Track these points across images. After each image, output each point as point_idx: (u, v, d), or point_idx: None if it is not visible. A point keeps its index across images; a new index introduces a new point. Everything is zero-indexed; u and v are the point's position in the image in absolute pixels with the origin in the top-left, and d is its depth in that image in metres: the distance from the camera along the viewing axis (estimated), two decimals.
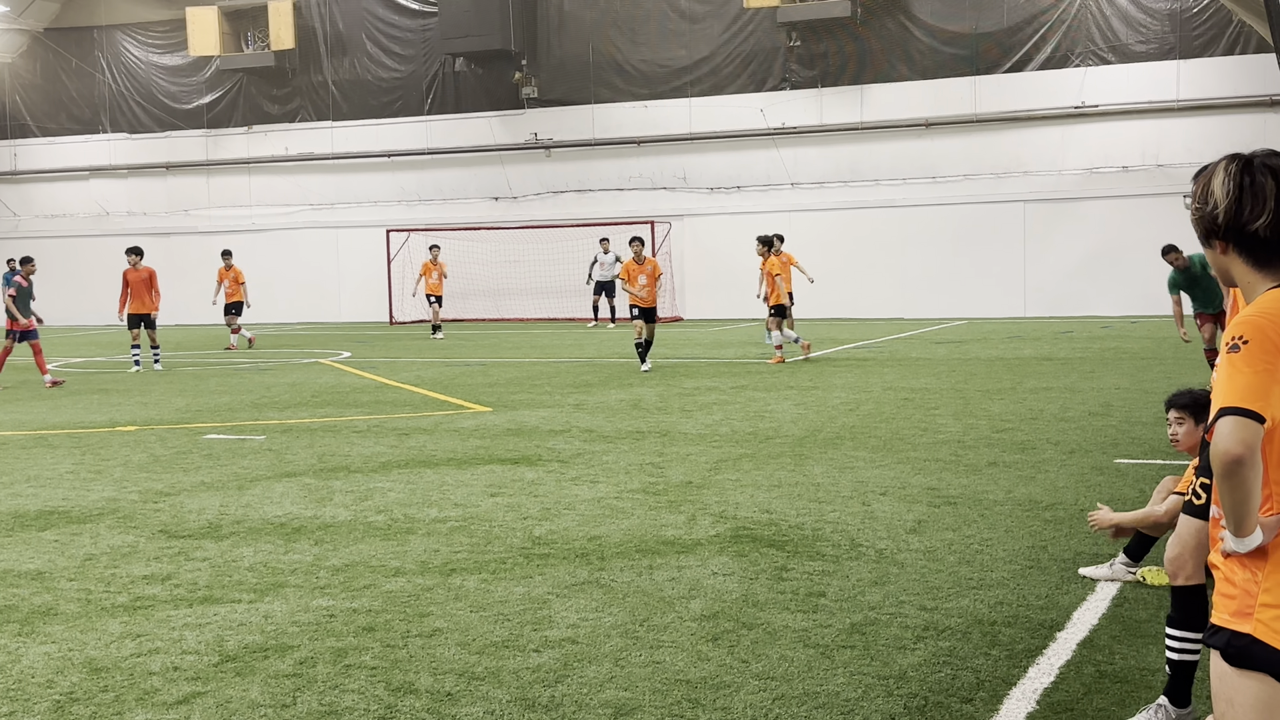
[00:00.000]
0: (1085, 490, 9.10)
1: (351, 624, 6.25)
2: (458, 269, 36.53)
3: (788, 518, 8.44)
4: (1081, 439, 11.47)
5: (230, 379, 19.85)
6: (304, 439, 12.80)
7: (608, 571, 7.14)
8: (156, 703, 5.23)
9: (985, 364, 18.94)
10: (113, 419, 14.95)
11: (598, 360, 20.99)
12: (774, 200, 34.50)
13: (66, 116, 41.94)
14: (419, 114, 37.65)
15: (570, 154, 36.41)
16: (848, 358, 20.74)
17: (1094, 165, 31.53)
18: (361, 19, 37.86)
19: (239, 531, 8.48)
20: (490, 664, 5.59)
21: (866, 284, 33.33)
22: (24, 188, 42.75)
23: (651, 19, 35.07)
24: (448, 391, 17.03)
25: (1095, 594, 6.47)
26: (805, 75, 33.91)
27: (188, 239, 40.55)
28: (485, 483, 10.06)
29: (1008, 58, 32.11)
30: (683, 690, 5.22)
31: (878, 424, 12.79)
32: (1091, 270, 31.34)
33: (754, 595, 6.57)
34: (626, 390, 16.54)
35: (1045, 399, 14.43)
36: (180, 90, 40.42)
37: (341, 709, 5.11)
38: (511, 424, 13.55)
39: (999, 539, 7.67)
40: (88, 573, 7.45)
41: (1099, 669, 5.36)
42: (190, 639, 6.07)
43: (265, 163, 39.53)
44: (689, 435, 12.38)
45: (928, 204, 32.90)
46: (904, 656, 5.56)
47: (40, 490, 10.26)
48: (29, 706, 5.23)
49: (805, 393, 15.76)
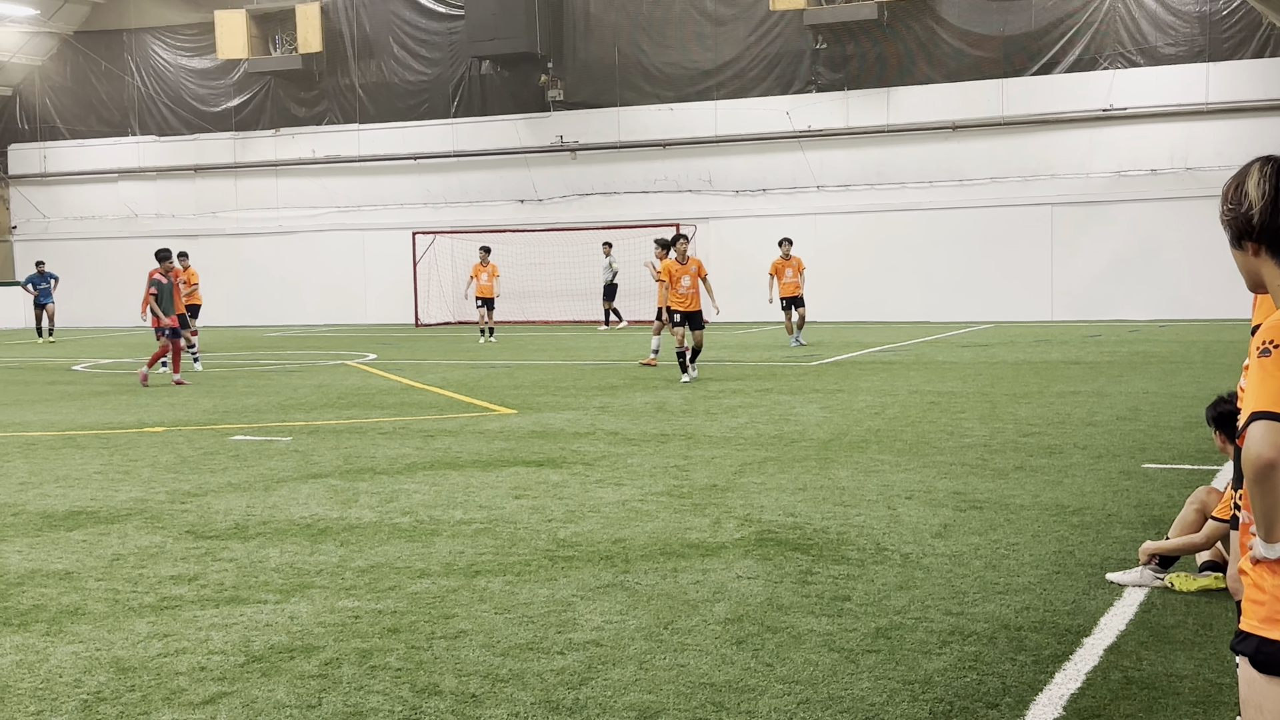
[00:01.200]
0: (1113, 495, 9.05)
1: (377, 625, 6.26)
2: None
3: (812, 521, 8.41)
4: (1109, 443, 11.40)
5: (257, 380, 19.94)
6: (330, 440, 12.85)
7: (632, 574, 7.13)
8: (183, 703, 5.26)
9: (1012, 367, 18.86)
10: (141, 420, 15.04)
11: (622, 363, 20.98)
12: (799, 203, 34.44)
13: (96, 119, 42.24)
14: (445, 117, 37.76)
15: (595, 157, 36.44)
16: (873, 361, 20.68)
17: (1122, 168, 31.36)
18: (388, 22, 38.00)
19: (265, 532, 8.52)
20: (515, 666, 5.60)
21: (892, 287, 33.23)
22: (53, 190, 43.07)
23: (677, 21, 35.07)
24: (473, 394, 17.06)
25: (1123, 599, 6.42)
26: (831, 78, 33.84)
27: (215, 241, 40.76)
28: (510, 485, 10.08)
29: (1035, 60, 31.97)
30: (707, 694, 5.21)
31: (903, 427, 12.74)
32: (1119, 274, 31.17)
33: (778, 599, 6.55)
34: (651, 393, 16.53)
35: (1072, 403, 14.35)
36: (208, 93, 40.66)
37: (366, 710, 5.12)
38: (536, 426, 13.56)
39: (1025, 543, 7.63)
40: (115, 573, 7.49)
41: (1126, 675, 5.32)
42: (217, 639, 6.10)
43: (292, 165, 39.71)
44: (714, 438, 12.36)
45: (954, 207, 32.79)
46: (929, 661, 5.54)
47: (69, 490, 10.33)
48: (56, 706, 5.26)
49: (830, 396, 15.73)
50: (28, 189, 43.36)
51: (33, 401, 17.50)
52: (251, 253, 40.09)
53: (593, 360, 21.26)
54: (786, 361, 20.94)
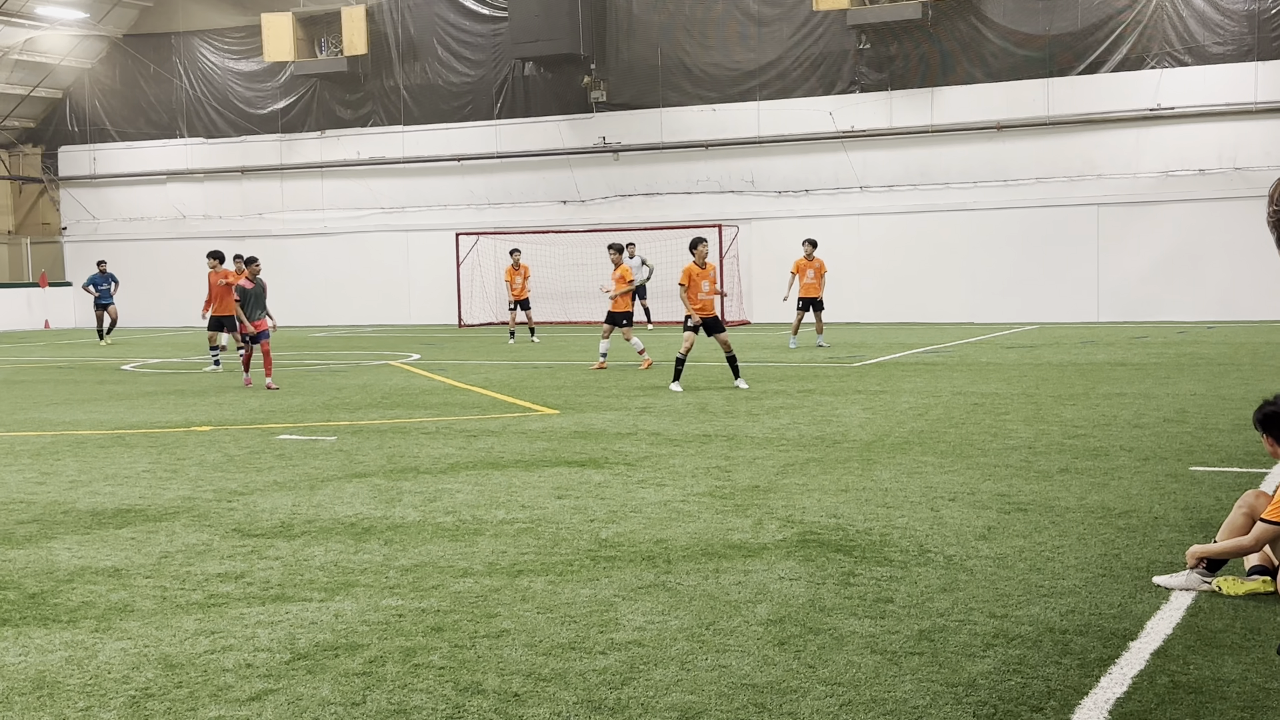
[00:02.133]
0: (1160, 498, 8.96)
1: (420, 624, 6.30)
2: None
3: (855, 523, 8.39)
4: (1156, 446, 11.29)
5: (302, 380, 20.09)
6: (374, 440, 12.93)
7: (674, 575, 7.14)
8: (229, 699, 5.31)
9: (1057, 369, 18.72)
10: (188, 419, 15.19)
11: (664, 363, 20.98)
12: (842, 204, 34.34)
13: (145, 121, 42.72)
14: (489, 118, 37.92)
15: (638, 158, 36.47)
16: (917, 362, 20.58)
17: (1170, 168, 31.05)
18: (433, 24, 38.20)
19: (310, 531, 8.58)
20: (557, 665, 5.61)
21: (936, 288, 33.07)
22: (103, 191, 43.59)
23: (720, 22, 35.05)
24: (515, 394, 17.12)
25: (1169, 603, 6.36)
26: (875, 78, 33.71)
27: (262, 242, 41.08)
28: (552, 485, 10.10)
29: (1082, 59, 31.72)
30: (748, 695, 5.20)
31: (947, 429, 12.68)
32: (1167, 274, 30.87)
33: (821, 600, 6.54)
34: (693, 394, 16.53)
35: (1119, 405, 14.23)
36: (255, 95, 41.02)
37: (410, 708, 5.15)
38: (579, 426, 13.59)
39: (1071, 546, 7.58)
40: (163, 570, 7.58)
41: (1173, 679, 5.28)
42: (263, 637, 6.16)
43: (337, 167, 40.00)
44: (756, 439, 12.34)
45: (999, 207, 32.59)
46: (973, 664, 5.51)
47: (118, 489, 10.45)
48: (105, 702, 5.32)
49: (873, 397, 15.67)
50: (78, 191, 43.90)
51: (82, 401, 17.71)
52: (297, 253, 40.42)
53: (634, 360, 21.27)
54: (829, 363, 20.88)
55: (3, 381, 21.33)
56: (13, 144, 44.41)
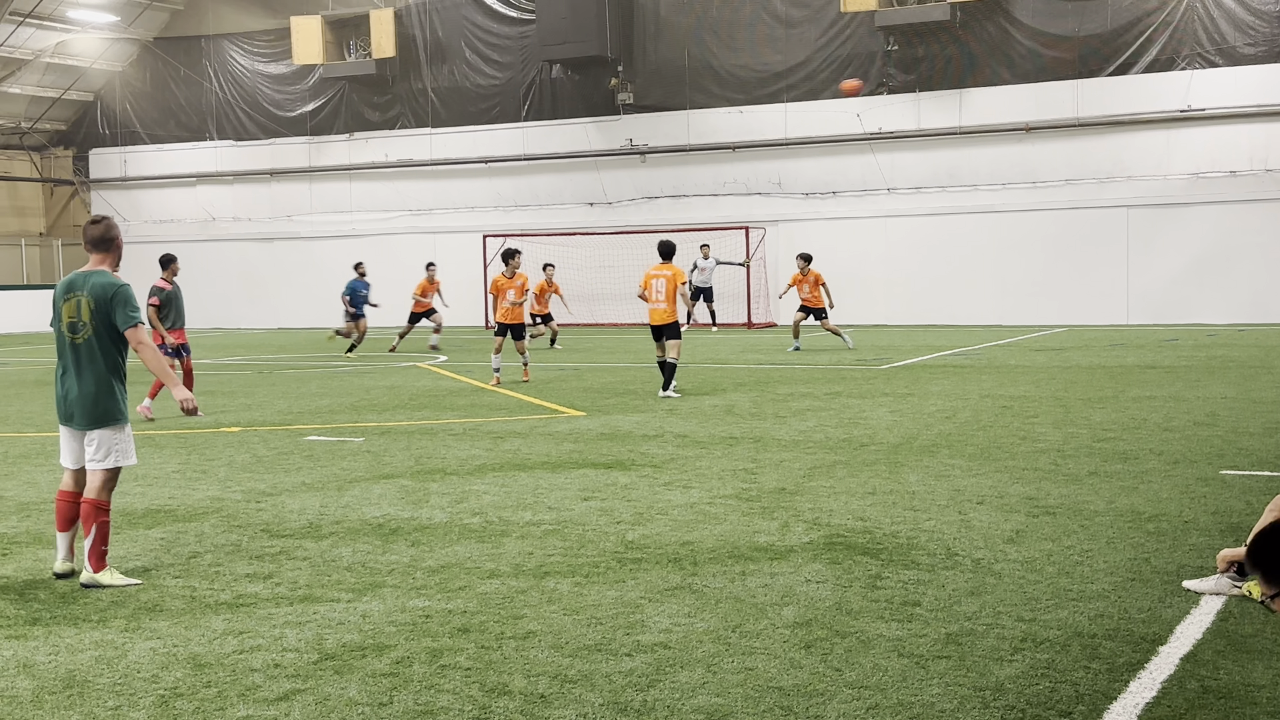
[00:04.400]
0: (1189, 502, 8.90)
1: (447, 625, 6.32)
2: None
3: (882, 526, 8.36)
4: (1186, 449, 11.21)
5: (330, 382, 20.18)
6: (401, 441, 12.97)
7: (700, 577, 7.13)
8: (257, 699, 5.34)
9: (1086, 372, 18.61)
10: (217, 420, 15.28)
11: (691, 365, 20.97)
12: (870, 205, 34.25)
13: (175, 124, 43.00)
14: (516, 120, 37.99)
15: (665, 159, 36.47)
16: (944, 365, 20.50)
17: (1200, 170, 30.84)
18: (461, 27, 38.30)
19: (338, 531, 8.62)
20: (583, 667, 5.62)
21: (964, 290, 32.93)
22: (134, 193, 43.90)
23: (748, 24, 35.01)
24: (542, 396, 17.14)
25: (1199, 608, 6.32)
26: (903, 79, 33.61)
27: (290, 244, 41.34)
28: (579, 486, 10.11)
29: (1111, 61, 31.54)
30: (775, 698, 5.19)
31: (975, 432, 12.62)
32: (1197, 277, 30.66)
33: (847, 603, 6.52)
34: (720, 396, 16.52)
35: (1148, 408, 14.14)
36: (284, 98, 41.23)
37: (437, 709, 5.16)
38: (605, 428, 13.60)
39: (1100, 550, 7.53)
40: (192, 570, 7.62)
41: (1203, 684, 5.24)
42: (291, 637, 6.18)
43: (365, 169, 40.16)
44: (782, 441, 12.32)
45: (1028, 209, 32.44)
46: (1001, 668, 5.48)
47: (148, 489, 10.52)
48: (134, 701, 5.36)
49: (901, 400, 15.62)
50: (108, 192, 44.21)
51: None
52: (325, 255, 40.58)
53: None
54: (855, 365, 20.83)
55: (35, 382, 21.49)
56: (44, 146, 44.78)
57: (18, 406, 17.50)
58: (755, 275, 34.54)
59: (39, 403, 17.93)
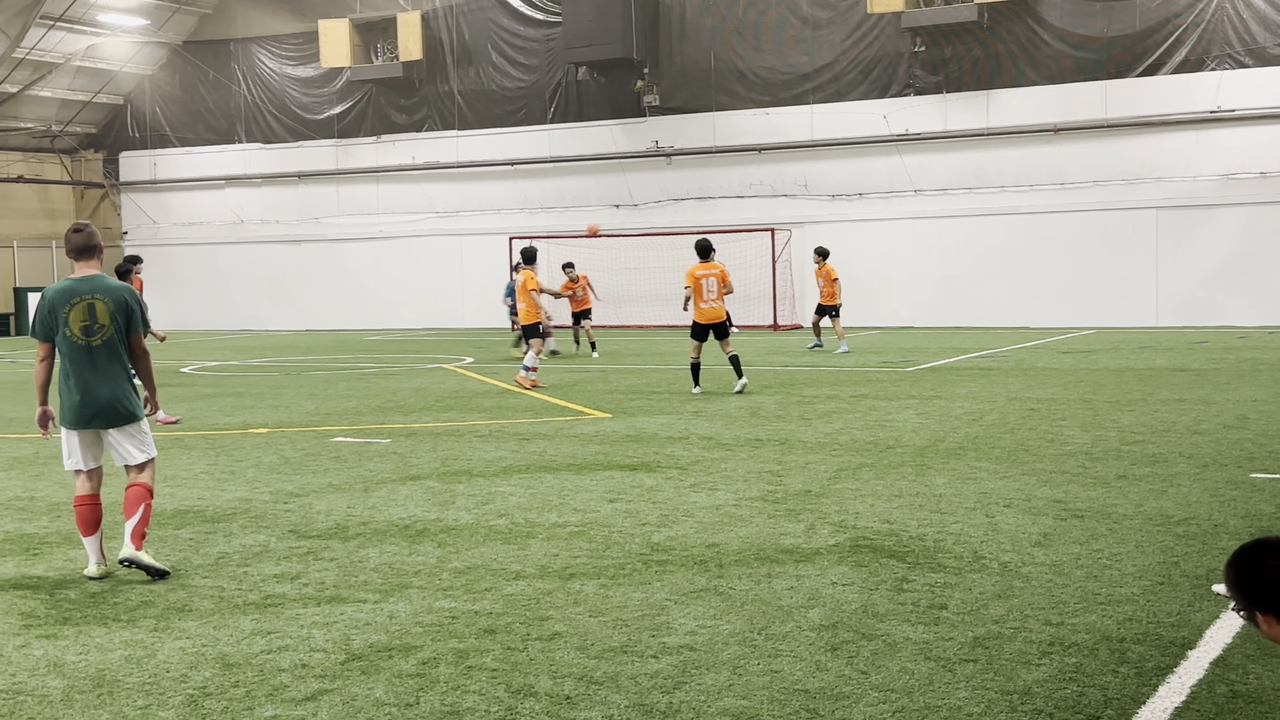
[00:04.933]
0: (1219, 505, 8.84)
1: (473, 626, 6.34)
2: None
3: (909, 528, 8.34)
4: (1216, 452, 11.14)
5: (357, 384, 20.25)
6: (428, 443, 13.01)
7: (726, 579, 7.13)
8: (285, 699, 5.36)
9: (1114, 374, 18.51)
10: (245, 421, 15.36)
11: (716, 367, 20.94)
12: (896, 207, 34.15)
13: (204, 127, 43.24)
14: (542, 123, 38.05)
15: (691, 161, 36.45)
16: (971, 367, 20.43)
17: (1230, 171, 30.62)
18: (487, 29, 38.39)
19: (365, 533, 8.65)
20: (609, 669, 5.63)
21: (991, 292, 32.79)
22: (163, 196, 44.17)
23: (774, 26, 34.96)
24: (568, 397, 17.16)
25: (1229, 612, 6.28)
26: (930, 81, 33.50)
27: (317, 246, 41.51)
28: (604, 488, 10.12)
29: (1140, 61, 31.35)
30: (801, 700, 5.19)
31: (1002, 434, 12.58)
32: (1227, 279, 30.44)
33: (874, 606, 6.51)
34: (745, 398, 16.50)
35: (1177, 411, 14.05)
36: (312, 101, 41.41)
37: (463, 709, 5.18)
38: (631, 430, 13.61)
39: (1128, 554, 7.49)
40: (221, 570, 7.67)
41: (1232, 689, 5.21)
42: (318, 637, 6.21)
43: (392, 171, 40.29)
44: (808, 444, 12.30)
45: (1056, 211, 32.27)
46: (1029, 672, 5.46)
47: (177, 490, 10.59)
48: (164, 700, 5.39)
49: (927, 402, 15.57)
50: (138, 195, 44.51)
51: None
52: (352, 257, 40.78)
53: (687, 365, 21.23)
54: (882, 367, 20.77)
55: None
56: (75, 149, 45.12)
57: None
58: (781, 277, 34.47)
59: None
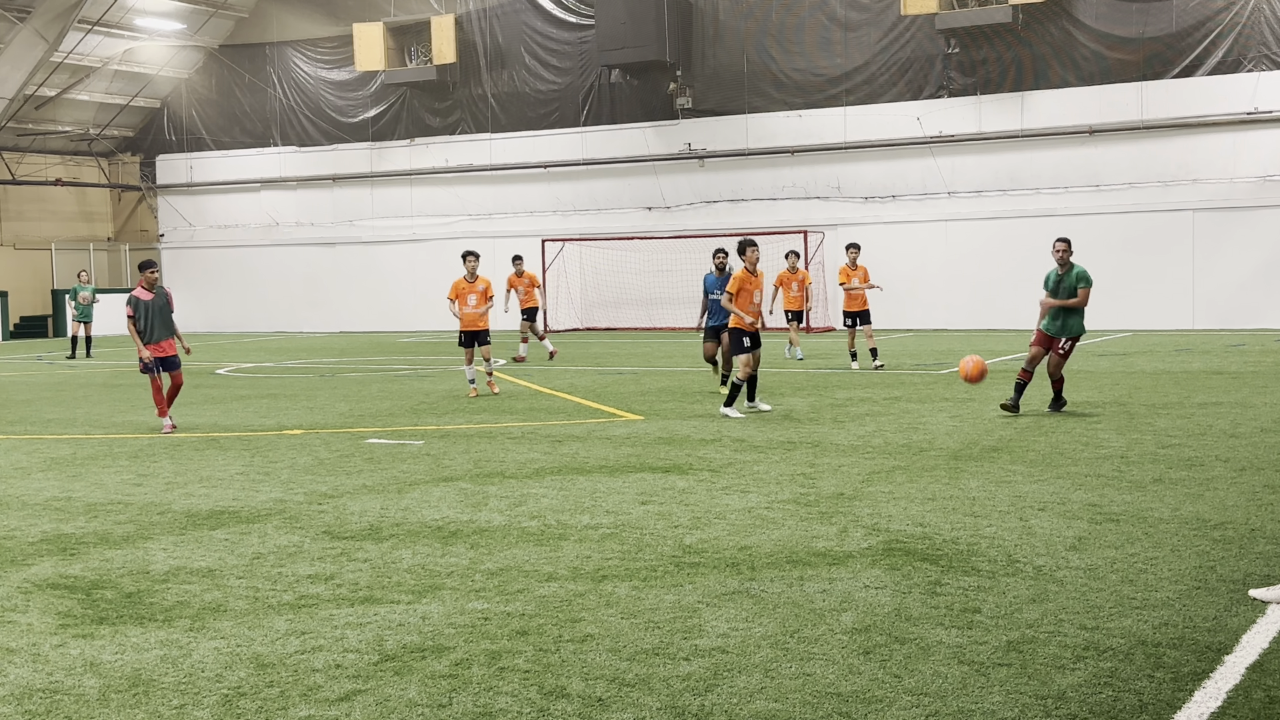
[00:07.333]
0: (1257, 509, 8.76)
1: (506, 627, 6.35)
2: (611, 278, 36.80)
3: (942, 531, 8.30)
4: (1253, 456, 11.04)
5: (391, 385, 20.34)
6: (461, 444, 13.05)
7: (758, 582, 7.12)
8: (319, 699, 5.39)
9: (1151, 377, 18.37)
10: (280, 423, 15.45)
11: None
12: (930, 209, 34.02)
13: (239, 130, 43.55)
14: (575, 125, 38.11)
15: (724, 164, 36.44)
16: (1005, 369, 20.31)
17: (1268, 173, 30.34)
18: (520, 32, 38.50)
19: (398, 534, 8.69)
20: (641, 671, 5.63)
21: (1026, 294, 32.54)
22: (199, 199, 44.51)
23: (807, 28, 34.90)
24: (600, 399, 17.17)
25: (1266, 617, 6.22)
26: (964, 82, 33.36)
27: (352, 248, 41.73)
28: (637, 490, 10.13)
29: (1176, 63, 31.11)
30: (833, 704, 5.17)
31: (1036, 437, 12.50)
32: (1265, 281, 30.16)
33: (907, 609, 6.48)
34: (776, 400, 16.47)
35: (1214, 414, 13.93)
36: (346, 104, 41.64)
37: (495, 710, 5.19)
38: (663, 432, 13.61)
39: (1164, 558, 7.43)
40: (256, 571, 7.71)
41: (1269, 695, 5.16)
42: (351, 638, 6.24)
43: (426, 174, 40.46)
44: (841, 446, 12.27)
45: (1091, 213, 32.06)
46: (1063, 676, 5.43)
47: (212, 491, 10.66)
48: (198, 700, 5.43)
49: (960, 405, 15.49)
50: (174, 198, 44.87)
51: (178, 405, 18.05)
52: (387, 260, 40.97)
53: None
54: (915, 370, 20.69)
55: (102, 385, 21.86)
56: (112, 152, 45.52)
57: (85, 409, 17.81)
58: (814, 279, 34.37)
59: (106, 405, 18.23)
